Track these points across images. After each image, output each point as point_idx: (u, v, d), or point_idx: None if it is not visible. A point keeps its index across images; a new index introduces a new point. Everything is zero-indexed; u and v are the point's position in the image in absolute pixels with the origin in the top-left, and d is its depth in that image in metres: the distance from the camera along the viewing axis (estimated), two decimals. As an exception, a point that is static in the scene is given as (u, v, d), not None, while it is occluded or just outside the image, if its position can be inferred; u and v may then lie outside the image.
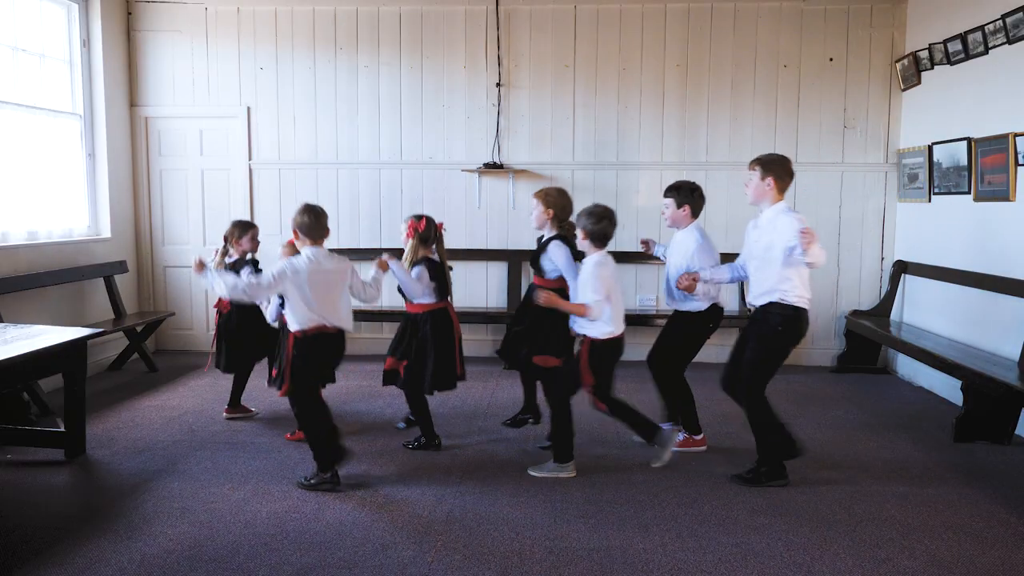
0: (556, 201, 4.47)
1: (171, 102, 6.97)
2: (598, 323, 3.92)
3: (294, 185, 6.98)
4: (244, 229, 4.84)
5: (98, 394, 5.60)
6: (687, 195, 4.45)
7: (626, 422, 4.08)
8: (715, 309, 4.41)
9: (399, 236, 6.88)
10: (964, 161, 5.45)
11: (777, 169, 4.13)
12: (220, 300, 4.78)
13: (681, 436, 4.48)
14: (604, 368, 3.98)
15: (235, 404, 5.06)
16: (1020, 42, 4.85)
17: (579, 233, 4.00)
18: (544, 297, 3.96)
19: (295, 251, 3.98)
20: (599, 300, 3.86)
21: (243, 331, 4.82)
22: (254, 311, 4.64)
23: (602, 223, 3.94)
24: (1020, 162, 4.83)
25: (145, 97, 6.97)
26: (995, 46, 5.11)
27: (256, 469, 4.15)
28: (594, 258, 3.97)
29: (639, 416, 4.05)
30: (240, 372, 5.00)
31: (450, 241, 6.84)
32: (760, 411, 3.95)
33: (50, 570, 3.04)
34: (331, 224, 4.02)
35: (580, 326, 4.00)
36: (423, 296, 4.36)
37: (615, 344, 3.99)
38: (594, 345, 3.95)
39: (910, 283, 6.38)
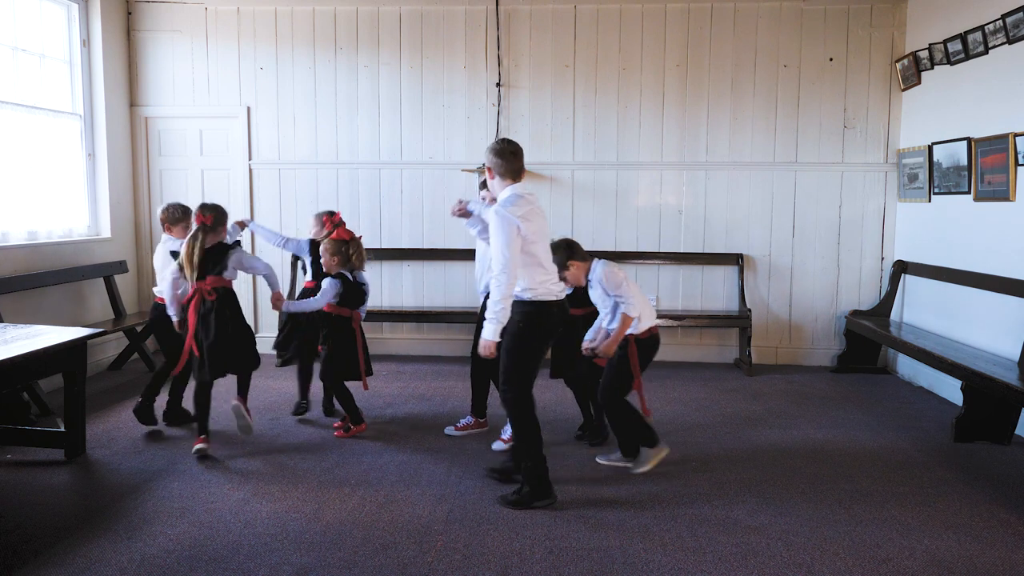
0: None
1: (171, 102, 6.97)
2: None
3: (294, 185, 6.98)
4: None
5: (98, 394, 5.60)
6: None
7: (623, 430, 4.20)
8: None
9: (399, 236, 6.94)
10: (964, 161, 5.45)
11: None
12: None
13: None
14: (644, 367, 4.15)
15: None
16: (1020, 42, 4.85)
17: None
18: (605, 348, 4.00)
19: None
20: (636, 303, 3.99)
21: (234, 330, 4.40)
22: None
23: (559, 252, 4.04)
24: (1020, 162, 4.83)
25: (145, 97, 6.97)
26: (995, 46, 5.11)
27: (256, 469, 4.15)
28: (600, 264, 4.14)
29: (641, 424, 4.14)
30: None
31: (450, 241, 6.91)
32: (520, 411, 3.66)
33: (50, 570, 3.04)
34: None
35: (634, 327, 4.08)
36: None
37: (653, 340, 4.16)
38: (637, 343, 4.08)
39: (910, 283, 6.38)
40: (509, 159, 3.65)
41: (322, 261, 4.62)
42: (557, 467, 4.18)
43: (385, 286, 7.00)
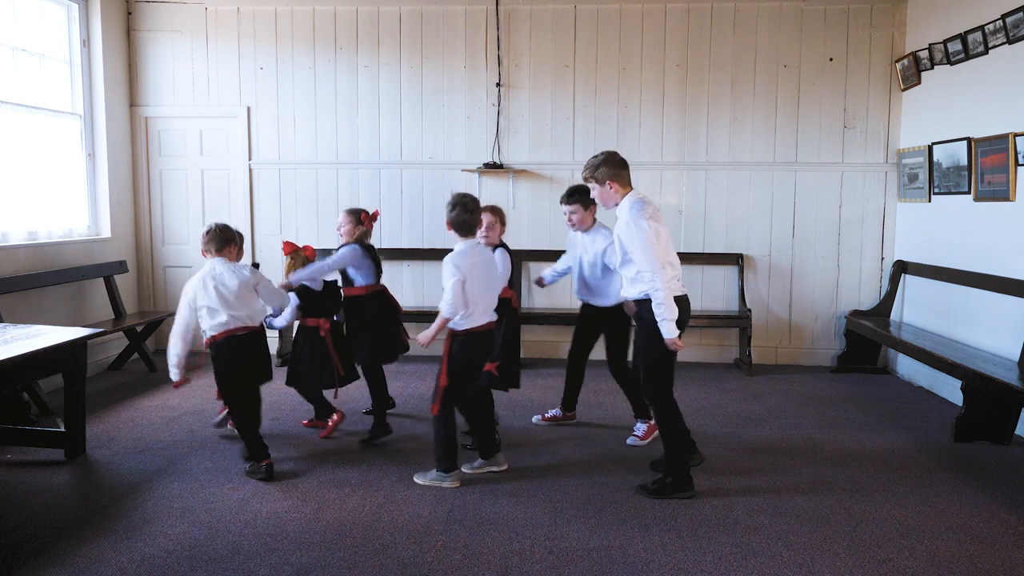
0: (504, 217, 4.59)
1: (171, 102, 6.97)
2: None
3: (294, 185, 6.98)
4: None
5: (98, 394, 5.61)
6: (588, 198, 4.35)
7: (438, 443, 3.88)
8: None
9: (399, 236, 6.94)
10: (964, 161, 5.45)
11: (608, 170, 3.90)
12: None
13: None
14: (461, 366, 3.84)
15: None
16: (1020, 42, 4.85)
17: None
18: (422, 340, 3.83)
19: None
20: (448, 299, 3.72)
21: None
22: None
23: (455, 211, 3.83)
24: (1020, 162, 4.83)
25: (145, 97, 6.97)
26: (995, 46, 5.11)
27: (256, 469, 4.15)
28: (456, 247, 3.86)
29: (453, 443, 3.90)
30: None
31: (449, 241, 6.88)
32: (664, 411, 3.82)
33: (50, 570, 3.04)
34: (330, 224, 4.34)
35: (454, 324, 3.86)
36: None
37: (475, 338, 3.84)
38: (453, 338, 3.83)
39: (910, 283, 6.38)
40: (623, 167, 3.88)
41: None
42: (556, 468, 4.19)
43: (385, 286, 6.98)
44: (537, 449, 4.49)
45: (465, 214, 3.83)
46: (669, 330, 3.63)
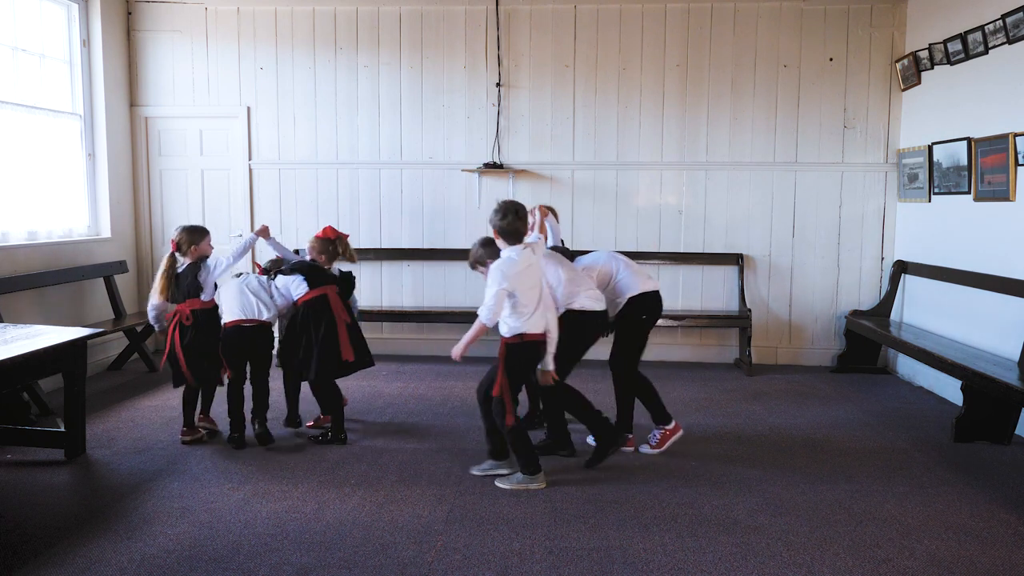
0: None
1: (171, 102, 6.97)
2: (508, 322, 3.79)
3: (294, 185, 6.98)
4: (201, 234, 4.67)
5: (98, 394, 5.61)
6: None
7: (516, 451, 3.89)
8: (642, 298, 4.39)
9: (399, 236, 6.94)
10: (964, 161, 5.45)
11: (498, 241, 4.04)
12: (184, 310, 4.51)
13: (657, 432, 4.47)
14: (516, 373, 3.86)
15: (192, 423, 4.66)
16: (1020, 42, 4.85)
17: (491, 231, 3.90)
18: (455, 353, 3.88)
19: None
20: (489, 306, 3.71)
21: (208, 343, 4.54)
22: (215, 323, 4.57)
23: (507, 218, 3.79)
24: (1020, 162, 4.83)
25: (145, 97, 6.97)
26: (995, 46, 5.11)
27: (256, 469, 4.15)
28: (503, 253, 3.85)
29: (529, 445, 3.91)
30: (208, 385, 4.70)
31: (449, 241, 6.91)
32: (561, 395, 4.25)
33: (50, 570, 3.04)
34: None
35: (500, 329, 3.86)
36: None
37: (529, 347, 3.82)
38: (507, 347, 3.82)
39: (910, 283, 6.38)
40: (487, 242, 4.13)
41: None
42: (557, 469, 4.19)
43: (385, 286, 7.00)
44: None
45: (518, 222, 3.81)
46: (461, 345, 3.88)
